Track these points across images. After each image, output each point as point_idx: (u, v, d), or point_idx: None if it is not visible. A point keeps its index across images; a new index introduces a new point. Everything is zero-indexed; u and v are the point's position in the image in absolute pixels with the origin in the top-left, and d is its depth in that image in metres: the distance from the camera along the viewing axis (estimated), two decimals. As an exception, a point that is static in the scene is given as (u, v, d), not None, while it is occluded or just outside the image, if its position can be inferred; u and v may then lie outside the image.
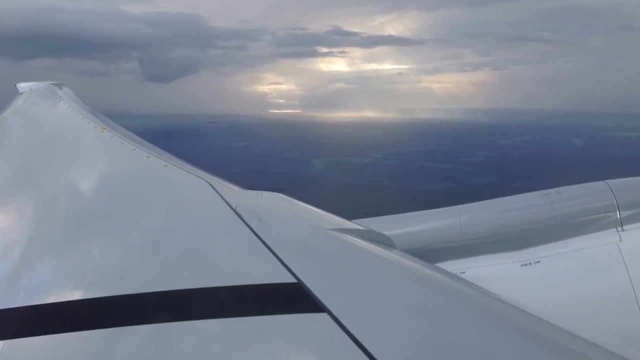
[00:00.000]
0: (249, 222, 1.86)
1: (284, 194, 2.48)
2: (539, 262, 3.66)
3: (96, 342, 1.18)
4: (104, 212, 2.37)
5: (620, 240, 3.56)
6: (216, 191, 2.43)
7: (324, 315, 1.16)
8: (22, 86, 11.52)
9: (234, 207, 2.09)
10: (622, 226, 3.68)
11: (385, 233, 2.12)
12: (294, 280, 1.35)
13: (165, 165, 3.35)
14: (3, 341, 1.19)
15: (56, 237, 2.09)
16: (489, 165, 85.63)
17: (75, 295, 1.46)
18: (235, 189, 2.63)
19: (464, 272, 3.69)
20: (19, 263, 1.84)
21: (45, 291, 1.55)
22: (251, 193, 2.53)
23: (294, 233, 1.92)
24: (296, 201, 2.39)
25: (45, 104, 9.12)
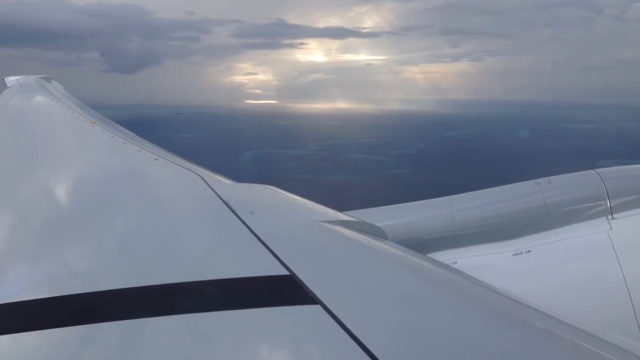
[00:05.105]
0: (241, 215, 1.86)
1: (276, 187, 2.51)
2: (530, 251, 3.65)
3: (80, 338, 1.16)
4: (95, 207, 2.35)
5: (611, 229, 3.55)
6: (208, 184, 2.45)
7: (317, 307, 1.16)
8: (11, 80, 11.50)
9: (225, 200, 2.10)
10: (612, 214, 3.68)
11: (377, 224, 2.14)
12: (286, 272, 1.35)
13: (156, 159, 3.37)
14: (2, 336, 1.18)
15: (48, 231, 2.07)
16: (414, 157, 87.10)
17: (64, 290, 1.42)
18: (227, 182, 2.65)
19: (455, 262, 3.66)
20: (11, 259, 1.82)
21: (35, 287, 1.52)
22: (243, 186, 2.57)
23: (287, 225, 1.93)
24: (288, 193, 2.43)
25: (35, 98, 9.10)
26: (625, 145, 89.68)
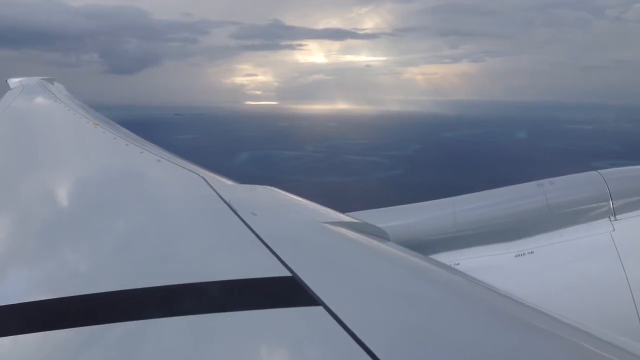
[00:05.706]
0: (242, 216, 1.87)
1: (278, 188, 2.53)
2: (532, 252, 3.63)
3: (82, 339, 1.16)
4: (98, 208, 2.35)
5: (614, 230, 3.53)
6: (210, 185, 2.47)
7: (319, 308, 1.16)
8: (14, 81, 11.50)
9: (227, 201, 2.11)
10: (615, 215, 3.66)
11: (379, 225, 2.15)
12: (288, 274, 1.35)
13: (159, 160, 3.38)
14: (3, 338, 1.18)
15: (53, 233, 2.07)
16: (412, 159, 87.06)
17: (67, 291, 1.42)
18: (229, 183, 2.65)
19: (458, 264, 3.65)
20: (16, 260, 1.82)
21: (39, 289, 1.52)
22: (245, 187, 2.58)
23: (288, 227, 1.94)
24: (290, 195, 2.44)
25: (38, 100, 9.14)
26: (623, 146, 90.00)
